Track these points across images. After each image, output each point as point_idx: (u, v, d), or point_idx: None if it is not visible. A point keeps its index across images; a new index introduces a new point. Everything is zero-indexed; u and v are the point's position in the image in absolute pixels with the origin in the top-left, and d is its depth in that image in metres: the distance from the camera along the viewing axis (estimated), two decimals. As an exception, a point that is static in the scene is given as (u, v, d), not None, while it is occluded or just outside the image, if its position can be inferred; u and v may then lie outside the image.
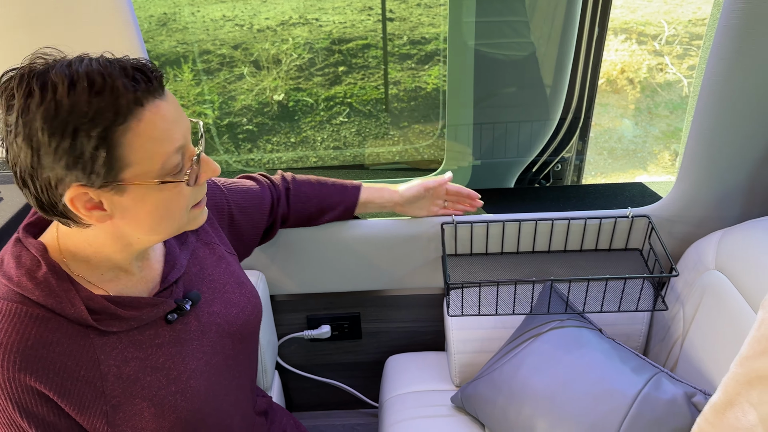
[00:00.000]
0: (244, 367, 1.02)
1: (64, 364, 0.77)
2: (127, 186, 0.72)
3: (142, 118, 0.69)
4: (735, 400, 0.91)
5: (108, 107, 0.67)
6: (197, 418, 0.89)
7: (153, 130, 0.70)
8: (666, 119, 4.19)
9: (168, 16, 3.94)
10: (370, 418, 1.78)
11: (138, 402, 0.82)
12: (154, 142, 0.71)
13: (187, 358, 0.88)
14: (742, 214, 1.29)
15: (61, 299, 0.76)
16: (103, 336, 0.80)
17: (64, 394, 0.77)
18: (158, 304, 0.85)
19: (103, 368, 0.80)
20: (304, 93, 3.69)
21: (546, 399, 1.15)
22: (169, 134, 0.72)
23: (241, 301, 0.99)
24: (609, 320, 1.34)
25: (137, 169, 0.71)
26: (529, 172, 1.66)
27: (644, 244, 1.37)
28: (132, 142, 0.69)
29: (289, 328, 1.61)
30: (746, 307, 1.06)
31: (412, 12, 3.96)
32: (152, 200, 0.75)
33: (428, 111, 3.47)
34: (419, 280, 1.47)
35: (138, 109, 0.69)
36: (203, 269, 0.96)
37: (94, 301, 0.78)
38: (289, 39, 3.84)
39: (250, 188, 1.18)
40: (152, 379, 0.84)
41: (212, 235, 1.02)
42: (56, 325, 0.77)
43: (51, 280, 0.76)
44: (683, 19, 4.80)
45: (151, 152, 0.71)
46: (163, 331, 0.86)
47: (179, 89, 3.52)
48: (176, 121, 0.74)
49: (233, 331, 0.96)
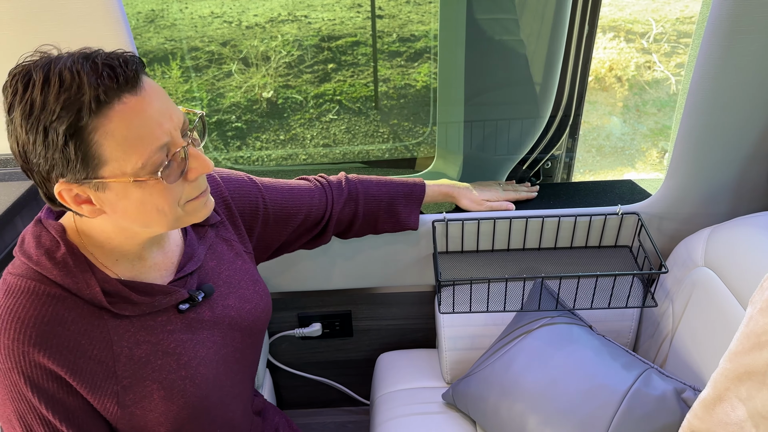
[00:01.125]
0: (250, 362, 1.03)
1: (78, 342, 0.78)
2: (108, 183, 0.72)
3: (111, 116, 0.68)
4: (724, 395, 0.91)
5: (72, 104, 0.66)
6: (204, 405, 0.90)
7: (125, 128, 0.69)
8: (654, 117, 4.21)
9: (156, 12, 3.91)
10: (362, 416, 1.78)
11: (148, 384, 0.84)
12: (128, 140, 0.70)
13: (198, 346, 0.90)
14: (730, 211, 1.30)
15: (78, 280, 0.78)
16: (116, 318, 0.82)
17: (76, 372, 0.78)
18: (171, 292, 0.86)
19: (116, 348, 0.81)
20: (294, 90, 3.67)
21: (537, 395, 1.15)
22: (145, 132, 0.70)
23: (254, 297, 1.01)
24: (599, 317, 1.35)
25: (114, 167, 0.71)
26: (520, 169, 1.66)
27: (634, 241, 1.38)
28: (103, 140, 0.68)
29: (280, 326, 1.61)
30: (735, 304, 1.07)
31: (402, 9, 3.96)
32: (136, 197, 0.74)
33: (418, 108, 3.47)
34: (410, 277, 1.48)
35: (104, 107, 0.68)
36: (220, 264, 0.98)
37: (109, 283, 0.80)
38: (278, 36, 3.82)
39: (295, 187, 1.15)
40: (163, 363, 0.85)
41: (232, 232, 1.03)
42: (72, 304, 0.78)
43: (69, 260, 0.78)
44: (671, 17, 4.83)
45: (127, 151, 0.70)
46: (174, 319, 0.88)
47: (167, 86, 3.50)
48: (157, 117, 0.72)
49: (244, 326, 0.98)
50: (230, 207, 1.03)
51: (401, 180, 1.29)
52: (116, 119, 0.68)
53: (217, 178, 1.04)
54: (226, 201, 1.03)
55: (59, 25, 1.07)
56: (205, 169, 0.78)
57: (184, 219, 0.81)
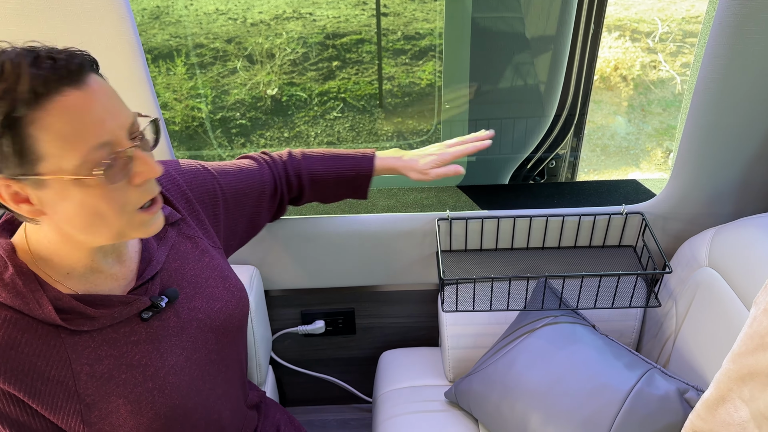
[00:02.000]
0: (231, 360, 1.00)
1: (34, 364, 0.76)
2: (45, 180, 0.68)
3: (49, 109, 0.66)
4: (727, 396, 0.91)
5: (7, 94, 0.64)
6: (179, 413, 0.88)
7: (64, 122, 0.66)
8: (659, 116, 4.20)
9: (161, 9, 3.91)
10: (364, 413, 1.79)
11: (114, 400, 0.82)
12: (67, 136, 0.67)
13: (165, 355, 0.87)
14: (735, 211, 1.30)
15: (28, 300, 0.75)
16: (74, 335, 0.79)
17: (35, 395, 0.76)
18: (131, 302, 0.83)
19: (75, 367, 0.79)
20: (298, 88, 3.67)
21: (539, 394, 1.15)
22: (85, 127, 0.68)
23: (224, 295, 0.97)
24: (602, 316, 1.35)
25: (52, 163, 0.68)
26: (524, 168, 1.66)
27: (638, 240, 1.38)
28: (40, 133, 0.66)
29: (283, 323, 1.61)
30: (739, 304, 1.07)
31: (407, 7, 3.95)
32: (76, 198, 0.70)
33: (422, 107, 3.47)
34: (414, 275, 1.48)
35: (42, 99, 0.65)
36: (184, 264, 0.94)
37: (62, 300, 0.77)
38: (283, 33, 3.82)
39: (244, 168, 1.13)
40: (127, 377, 0.83)
41: (195, 227, 0.99)
42: (25, 326, 0.76)
43: (17, 281, 0.75)
44: (677, 16, 4.82)
45: (65, 147, 0.67)
46: (138, 329, 0.85)
47: (172, 83, 3.50)
48: (100, 114, 0.69)
49: (216, 326, 0.95)
50: (190, 200, 1.00)
51: (349, 154, 1.22)
52: (54, 112, 0.66)
53: (174, 173, 1.01)
54: (185, 194, 1.00)
55: (65, 21, 1.08)
56: (151, 173, 0.74)
57: (128, 231, 0.77)
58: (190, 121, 3.40)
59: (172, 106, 3.42)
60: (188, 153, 3.10)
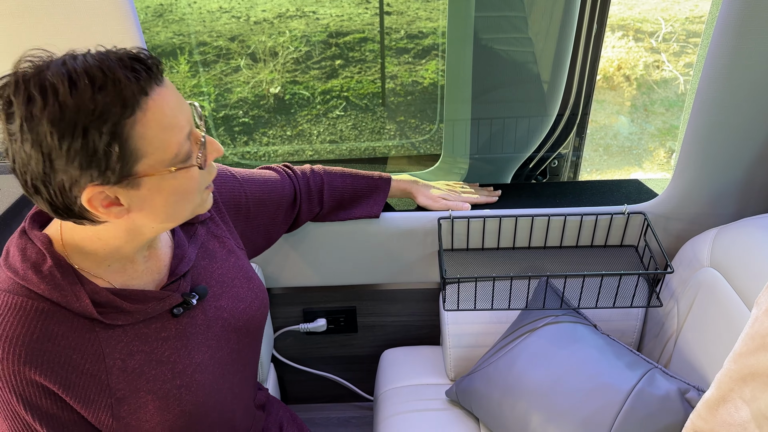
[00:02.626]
0: (248, 360, 1.02)
1: (69, 357, 0.77)
2: (142, 178, 0.71)
3: (147, 108, 0.68)
4: (728, 396, 0.91)
5: (114, 101, 0.65)
6: (201, 411, 0.89)
7: (162, 118, 0.70)
8: (662, 116, 4.20)
9: (164, 6, 3.92)
10: (365, 411, 1.79)
11: (143, 395, 0.83)
12: (164, 130, 0.70)
13: (193, 352, 0.88)
14: (737, 211, 1.30)
15: (66, 293, 0.76)
16: (108, 329, 0.80)
17: (69, 387, 0.77)
18: (164, 297, 0.84)
19: (108, 361, 0.80)
20: (301, 86, 3.68)
21: (540, 393, 1.15)
22: (176, 120, 0.72)
23: (248, 296, 0.99)
24: (604, 316, 1.35)
25: (151, 160, 0.70)
26: (526, 167, 1.66)
27: (640, 240, 1.38)
28: (143, 133, 0.68)
29: (285, 321, 1.61)
30: (740, 305, 1.06)
31: (410, 6, 3.95)
32: (168, 188, 0.74)
33: (425, 106, 3.47)
34: (415, 274, 1.48)
35: (143, 99, 0.68)
36: (212, 262, 0.96)
37: (99, 294, 0.78)
38: (286, 31, 3.82)
39: (268, 179, 1.15)
40: (157, 373, 0.84)
41: (223, 228, 1.02)
42: (61, 319, 0.76)
43: (56, 273, 0.76)
44: (680, 16, 4.81)
45: (163, 141, 0.70)
46: (169, 325, 0.86)
47: (175, 81, 3.51)
48: (179, 106, 0.73)
49: (239, 326, 0.96)
50: (218, 202, 1.03)
51: (367, 174, 1.30)
52: (151, 111, 0.68)
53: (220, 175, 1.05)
54: (215, 199, 1.02)
55: (69, 19, 1.08)
56: (218, 151, 0.80)
57: (196, 210, 0.82)
58: (195, 120, 3.40)
59: (175, 104, 3.41)
60: (191, 151, 3.10)
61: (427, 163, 1.72)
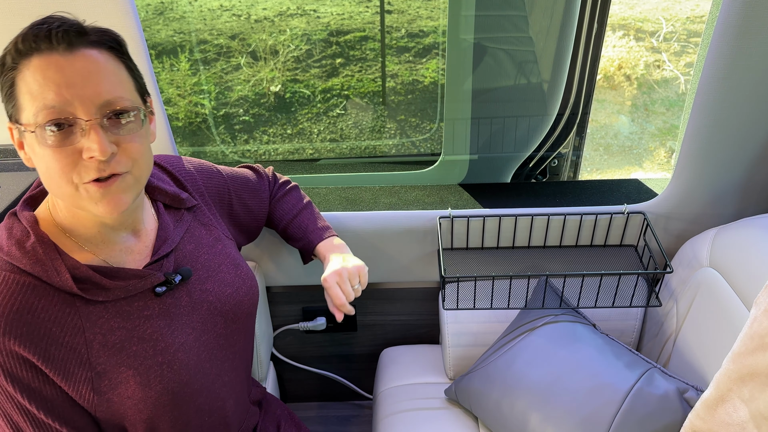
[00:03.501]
0: (239, 349, 1.02)
1: (49, 329, 0.79)
2: (23, 129, 0.76)
3: (29, 65, 0.73)
4: (726, 396, 0.92)
5: (11, 51, 0.74)
6: (186, 392, 0.90)
7: (35, 79, 0.73)
8: (662, 116, 4.20)
9: (165, 4, 3.91)
10: (364, 410, 1.79)
11: (123, 370, 0.84)
12: (34, 90, 0.73)
13: (176, 332, 0.89)
14: (737, 212, 1.30)
15: (47, 268, 0.79)
16: (89, 305, 0.82)
17: (48, 360, 0.78)
18: (146, 276, 0.86)
19: (88, 335, 0.81)
20: (301, 84, 3.68)
21: (539, 393, 1.16)
22: (49, 87, 0.73)
23: (235, 281, 1.00)
24: (603, 315, 1.35)
25: (24, 115, 0.75)
26: (526, 167, 1.66)
27: (639, 240, 1.38)
28: (20, 85, 0.74)
29: (284, 320, 1.61)
30: (739, 305, 1.07)
31: (411, 5, 3.95)
32: (38, 153, 0.76)
33: (425, 104, 3.47)
34: (415, 273, 1.48)
35: (26, 55, 0.73)
36: (198, 248, 0.98)
37: (79, 270, 0.80)
38: (287, 30, 3.82)
39: (249, 178, 1.18)
40: (138, 349, 0.85)
41: (209, 216, 1.04)
42: (43, 292, 0.79)
43: (38, 248, 0.79)
44: (681, 16, 4.81)
45: (30, 99, 0.74)
46: (152, 304, 0.87)
47: (176, 79, 3.51)
48: (66, 78, 0.73)
49: (225, 311, 0.97)
50: (204, 195, 1.05)
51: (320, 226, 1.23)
52: (32, 69, 0.73)
53: (192, 170, 1.05)
54: (200, 189, 1.05)
55: (69, 16, 1.08)
56: (96, 152, 0.74)
57: (83, 203, 0.79)
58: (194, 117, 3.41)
59: (175, 102, 3.42)
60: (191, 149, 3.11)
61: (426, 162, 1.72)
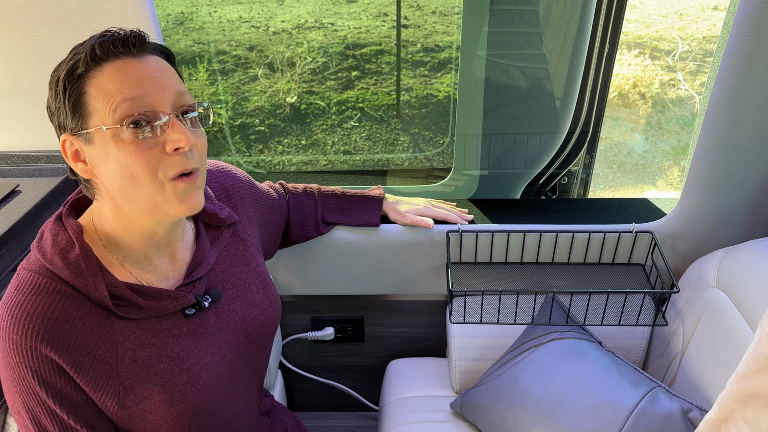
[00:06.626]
0: (256, 366, 1.04)
1: (84, 340, 0.80)
2: (92, 134, 0.77)
3: (103, 70, 0.76)
4: (730, 417, 0.92)
5: (74, 57, 0.76)
6: (205, 410, 0.91)
7: (110, 80, 0.75)
8: (677, 135, 4.19)
9: (185, 15, 3.98)
10: (370, 421, 1.80)
11: (149, 387, 0.85)
12: (110, 90, 0.75)
13: (202, 351, 0.91)
14: (744, 233, 1.30)
15: (87, 282, 0.80)
16: (122, 320, 0.84)
17: (80, 369, 0.80)
18: (178, 297, 0.88)
19: (120, 350, 0.83)
20: (317, 96, 3.71)
21: (544, 408, 1.16)
22: (125, 85, 0.75)
23: (263, 302, 1.01)
24: (609, 333, 1.35)
25: (96, 118, 0.76)
26: (536, 183, 1.67)
27: (647, 259, 1.38)
28: (93, 92, 0.75)
29: (293, 329, 1.63)
30: (745, 326, 1.07)
31: (427, 20, 3.98)
32: (113, 155, 0.76)
33: (439, 118, 3.49)
34: (423, 286, 1.49)
35: (100, 61, 0.75)
36: (232, 266, 0.99)
37: (117, 288, 0.82)
38: (304, 42, 3.87)
39: (273, 197, 1.22)
40: (165, 367, 0.86)
41: (249, 230, 1.05)
42: (80, 304, 0.80)
43: (81, 262, 0.81)
44: (697, 35, 4.80)
45: (106, 99, 0.75)
46: (180, 323, 0.89)
47: (193, 88, 3.56)
48: (142, 76, 0.77)
49: (250, 331, 0.98)
50: (248, 208, 1.07)
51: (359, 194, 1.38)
52: (107, 72, 0.75)
53: (242, 180, 1.08)
54: (245, 202, 1.07)
55: (93, 27, 1.11)
56: (182, 143, 0.77)
57: (164, 204, 0.80)
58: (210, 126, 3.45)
59: (193, 111, 3.46)
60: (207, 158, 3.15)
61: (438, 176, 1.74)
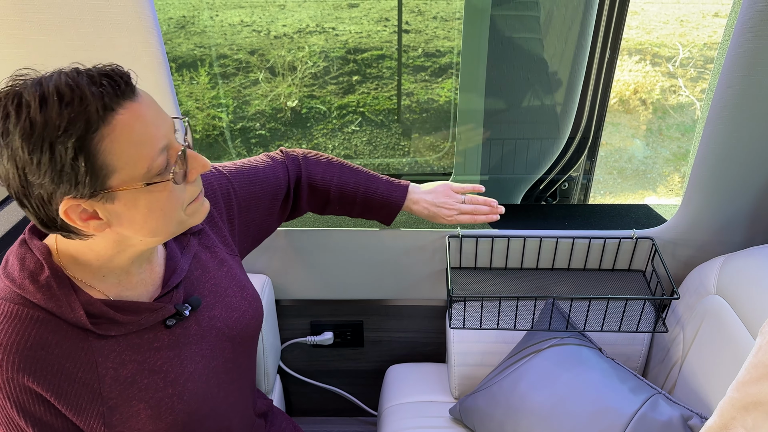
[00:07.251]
0: (244, 369, 1.02)
1: (62, 365, 0.78)
2: (116, 192, 0.72)
3: (116, 123, 0.69)
4: (730, 424, 0.91)
5: (78, 117, 0.67)
6: (194, 419, 0.90)
7: (130, 133, 0.70)
8: (677, 141, 4.19)
9: (187, 19, 3.99)
10: (369, 427, 1.79)
11: (135, 404, 0.83)
12: (135, 145, 0.70)
13: (186, 362, 0.89)
14: (745, 240, 1.30)
15: (62, 303, 0.77)
16: (101, 339, 0.81)
17: (61, 395, 0.78)
18: (157, 309, 0.85)
19: (101, 370, 0.81)
20: (318, 100, 3.72)
21: (543, 415, 1.16)
22: (148, 135, 0.72)
23: (242, 305, 1.00)
24: (609, 340, 1.35)
25: (123, 175, 0.71)
26: (536, 189, 1.67)
27: (647, 265, 1.38)
28: (111, 148, 0.69)
29: (292, 333, 1.63)
30: (745, 333, 1.07)
31: (428, 25, 3.99)
32: (144, 203, 0.74)
33: (440, 123, 3.49)
34: (423, 291, 1.49)
35: (109, 115, 0.68)
36: (205, 273, 0.97)
37: (93, 306, 0.79)
38: (305, 47, 3.88)
39: (258, 169, 1.13)
40: (149, 382, 0.85)
41: (213, 237, 1.01)
42: (56, 327, 0.78)
43: (53, 284, 0.77)
44: (698, 42, 4.81)
45: (134, 156, 0.71)
46: (161, 335, 0.87)
47: (194, 92, 3.56)
48: (155, 121, 0.73)
49: (233, 335, 0.97)
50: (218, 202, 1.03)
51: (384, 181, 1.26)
52: (120, 126, 0.69)
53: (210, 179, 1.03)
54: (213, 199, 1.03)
55: (94, 31, 1.11)
56: (203, 167, 0.79)
57: (185, 223, 0.81)
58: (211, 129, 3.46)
59: (193, 115, 3.48)
60: (207, 161, 3.15)
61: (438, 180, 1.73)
